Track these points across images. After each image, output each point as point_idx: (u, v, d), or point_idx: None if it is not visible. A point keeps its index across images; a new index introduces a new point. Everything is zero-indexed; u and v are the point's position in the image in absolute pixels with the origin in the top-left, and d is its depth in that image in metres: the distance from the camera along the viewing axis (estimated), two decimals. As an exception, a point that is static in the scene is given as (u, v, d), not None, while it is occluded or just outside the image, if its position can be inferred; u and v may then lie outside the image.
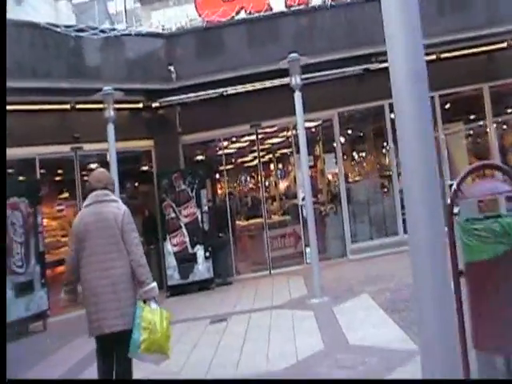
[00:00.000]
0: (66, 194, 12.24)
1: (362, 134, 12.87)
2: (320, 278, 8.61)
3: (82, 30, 10.17)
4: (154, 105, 11.68)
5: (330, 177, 13.02)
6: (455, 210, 3.55)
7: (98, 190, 4.36)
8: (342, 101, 11.70)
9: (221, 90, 11.17)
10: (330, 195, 12.87)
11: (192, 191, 11.27)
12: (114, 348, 4.22)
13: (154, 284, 4.29)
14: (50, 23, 10.09)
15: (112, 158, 8.95)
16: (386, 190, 12.35)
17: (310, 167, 10.73)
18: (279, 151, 14.36)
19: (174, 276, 11.11)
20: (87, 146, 11.19)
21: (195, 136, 12.23)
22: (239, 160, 13.84)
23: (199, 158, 13.22)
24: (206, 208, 11.36)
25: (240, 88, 11.28)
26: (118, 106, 10.92)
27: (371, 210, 12.12)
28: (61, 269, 11.41)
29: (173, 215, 11.20)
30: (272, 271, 11.93)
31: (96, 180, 4.43)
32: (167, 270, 11.13)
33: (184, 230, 11.18)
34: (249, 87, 11.26)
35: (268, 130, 12.68)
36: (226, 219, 12.21)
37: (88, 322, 4.25)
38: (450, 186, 10.53)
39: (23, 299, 9.06)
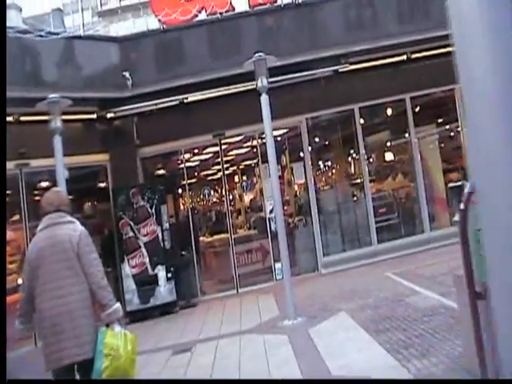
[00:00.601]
0: (12, 217, 11.20)
1: (330, 141, 12.25)
2: (293, 296, 7.88)
3: (26, 32, 9.29)
4: (108, 115, 10.83)
5: (297, 187, 12.37)
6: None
7: (52, 213, 4.13)
8: (310, 106, 11.10)
9: (180, 97, 10.40)
10: (298, 206, 12.19)
11: (151, 207, 10.45)
12: (75, 379, 4.03)
13: (117, 305, 4.07)
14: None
15: (59, 174, 8.07)
16: (357, 198, 11.76)
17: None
18: (244, 163, 13.63)
19: (133, 301, 10.22)
20: (35, 162, 10.24)
21: (154, 148, 11.41)
22: (202, 173, 13.06)
23: (159, 171, 12.37)
24: (167, 225, 10.55)
25: (201, 95, 10.56)
26: (68, 117, 10.18)
27: (343, 220, 11.51)
28: (10, 298, 10.56)
29: (131, 234, 10.34)
30: (240, 290, 11.15)
31: (47, 202, 4.21)
32: (126, 294, 10.23)
33: (143, 249, 10.33)
34: (211, 94, 10.53)
35: (232, 140, 11.97)
36: (189, 236, 11.40)
37: (45, 354, 3.96)
38: (452, 188, 10.02)
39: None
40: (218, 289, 11.62)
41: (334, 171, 12.56)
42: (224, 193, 11.86)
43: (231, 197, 14.33)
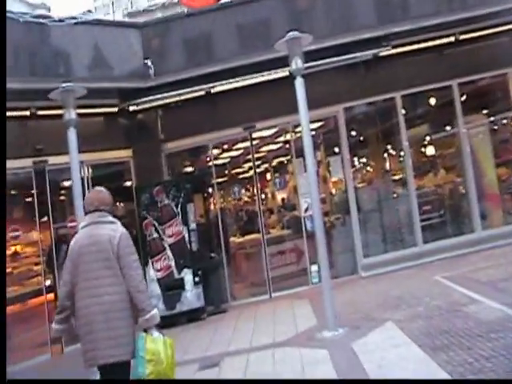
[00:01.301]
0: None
1: (370, 133, 11.28)
2: (333, 304, 7.03)
3: (43, 17, 8.63)
4: (131, 108, 10.10)
5: (334, 183, 11.47)
6: None
7: (93, 212, 4.14)
8: (348, 95, 10.18)
9: (207, 86, 9.61)
10: (335, 204, 11.29)
11: (177, 206, 9.70)
12: (113, 380, 3.97)
13: (155, 311, 4.03)
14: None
15: (74, 171, 7.36)
16: (399, 195, 10.79)
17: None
18: (277, 158, 12.76)
19: (158, 306, 9.44)
20: (53, 159, 9.59)
21: (180, 143, 10.67)
22: (232, 169, 12.25)
23: (186, 168, 11.65)
24: (193, 225, 9.77)
25: (229, 84, 9.72)
26: (87, 110, 9.59)
27: (384, 218, 10.56)
28: (35, 301, 9.94)
29: (155, 235, 9.61)
30: (273, 294, 10.31)
31: (87, 202, 4.25)
32: (150, 299, 9.49)
33: (169, 251, 9.60)
34: (240, 83, 9.70)
35: (264, 133, 11.12)
36: (217, 237, 10.63)
37: (82, 352, 4.00)
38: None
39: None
40: (250, 293, 10.80)
41: (373, 166, 11.58)
42: (255, 191, 11.01)
43: (263, 195, 13.52)
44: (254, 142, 10.89)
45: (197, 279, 9.62)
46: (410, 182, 10.33)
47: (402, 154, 10.63)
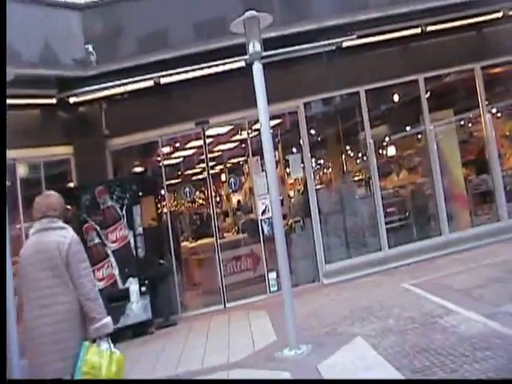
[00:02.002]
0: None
1: (332, 130, 10.60)
2: (294, 318, 6.25)
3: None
4: (71, 100, 9.07)
5: (293, 184, 10.76)
6: None
7: (42, 219, 3.93)
8: (309, 88, 9.48)
9: (155, 75, 8.68)
10: (294, 206, 10.57)
11: (122, 209, 8.76)
12: (74, 380, 3.70)
13: (107, 319, 3.81)
14: None
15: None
16: (364, 196, 10.15)
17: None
18: (232, 158, 12.00)
19: (100, 319, 8.51)
20: None
21: (126, 139, 9.71)
22: (184, 169, 11.40)
23: (134, 168, 10.72)
24: (140, 230, 8.84)
25: (180, 73, 8.83)
26: (22, 101, 8.61)
27: (347, 221, 9.89)
28: None
29: (97, 240, 8.62)
30: (227, 304, 9.48)
31: (35, 208, 4.01)
32: (91, 311, 8.54)
33: (112, 259, 8.62)
34: (192, 72, 8.83)
35: (218, 130, 10.30)
36: (167, 242, 9.72)
37: (28, 366, 3.85)
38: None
39: None
40: (202, 303, 9.97)
41: (335, 165, 10.92)
42: (209, 192, 10.15)
43: (217, 197, 12.73)
44: (208, 140, 10.04)
45: (143, 289, 8.70)
46: (375, 182, 9.69)
47: (366, 152, 9.98)
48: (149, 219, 10.02)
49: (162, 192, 9.92)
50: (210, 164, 10.28)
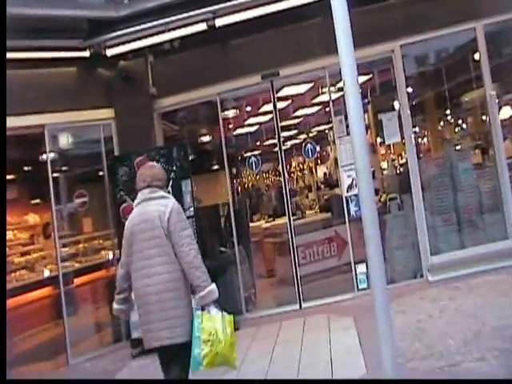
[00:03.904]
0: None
1: (439, 80, 8.18)
2: (391, 339, 4.16)
3: None
4: (108, 52, 7.39)
5: (386, 153, 8.56)
6: None
7: (145, 189, 3.95)
8: (406, 27, 7.23)
9: (208, 10, 6.74)
10: (389, 179, 8.37)
11: (168, 183, 6.97)
12: (166, 362, 3.85)
13: (213, 286, 3.75)
14: None
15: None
16: (482, 166, 7.77)
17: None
18: (309, 118, 9.92)
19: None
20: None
21: (176, 99, 7.96)
22: (247, 133, 9.50)
23: (185, 133, 8.93)
24: (191, 210, 7.04)
25: (240, 11, 6.90)
26: (49, 54, 7.06)
27: (460, 200, 7.53)
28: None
29: (137, 224, 6.94)
30: (303, 304, 7.54)
31: (139, 179, 4.03)
32: (130, 314, 6.88)
33: (157, 247, 6.92)
34: (256, 10, 6.88)
35: (291, 81, 8.23)
36: (229, 225, 7.87)
37: (142, 332, 3.93)
38: None
39: None
40: (272, 301, 8.11)
41: (444, 126, 8.51)
42: (280, 162, 8.14)
43: (293, 168, 10.71)
44: (278, 94, 8.02)
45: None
46: (498, 148, 7.28)
47: (484, 110, 7.57)
48: (205, 197, 8.19)
49: (221, 162, 7.98)
50: (282, 124, 8.22)
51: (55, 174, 7.58)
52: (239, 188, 10.55)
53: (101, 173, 7.77)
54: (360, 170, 4.55)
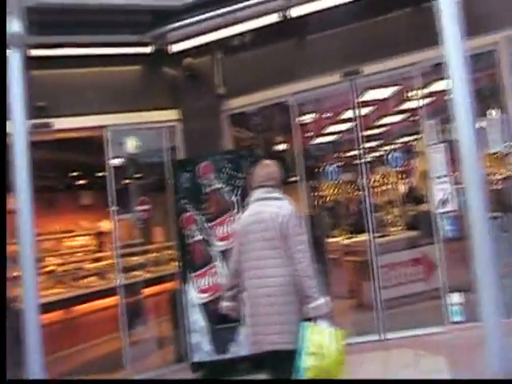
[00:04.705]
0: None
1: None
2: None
3: None
4: (173, 48, 6.83)
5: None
6: None
7: (259, 188, 3.81)
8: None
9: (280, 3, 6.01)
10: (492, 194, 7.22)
11: (234, 193, 6.28)
12: (271, 368, 3.67)
13: (324, 300, 3.52)
14: None
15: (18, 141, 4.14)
16: None
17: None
18: (394, 124, 8.92)
19: (201, 346, 6.15)
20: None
21: (246, 100, 7.27)
22: (325, 139, 8.62)
23: (254, 137, 8.20)
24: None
25: (315, 1, 6.11)
26: (109, 50, 6.62)
27: None
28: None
29: (199, 237, 6.25)
30: (386, 334, 6.54)
31: (254, 178, 3.90)
32: (191, 334, 6.21)
33: (219, 263, 6.19)
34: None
35: (375, 81, 7.30)
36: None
37: (246, 334, 3.84)
38: None
39: None
40: (351, 328, 7.09)
41: None
42: (362, 174, 7.20)
43: (374, 181, 9.69)
44: (361, 98, 7.13)
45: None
46: None
47: None
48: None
49: (293, 170, 7.16)
50: (364, 134, 7.30)
51: (116, 180, 7.09)
52: (316, 201, 9.69)
53: (164, 179, 7.20)
54: (469, 181, 3.72)
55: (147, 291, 8.08)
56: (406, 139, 9.35)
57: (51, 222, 11.44)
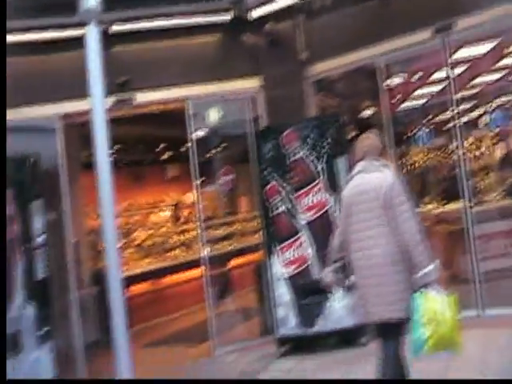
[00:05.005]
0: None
1: None
2: None
3: None
4: (252, 14, 6.60)
5: None
6: None
7: (363, 160, 3.79)
8: None
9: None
10: None
11: (319, 162, 6.02)
12: (383, 339, 3.63)
13: (433, 266, 3.46)
14: None
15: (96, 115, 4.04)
16: None
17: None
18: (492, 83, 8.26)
19: (287, 321, 6.01)
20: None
21: (330, 64, 6.91)
22: (414, 102, 8.14)
23: (340, 104, 7.85)
24: (345, 192, 6.00)
25: None
26: (188, 20, 6.52)
27: None
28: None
29: (283, 207, 6.07)
30: (484, 311, 6.12)
31: (355, 151, 3.90)
32: (276, 308, 6.08)
33: (306, 234, 5.99)
34: None
35: (470, 37, 6.74)
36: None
37: (355, 306, 4.00)
38: None
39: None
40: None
41: None
42: (455, 138, 6.70)
43: (467, 145, 9.10)
44: (454, 56, 6.60)
45: (351, 280, 5.88)
46: None
47: None
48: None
49: (387, 141, 6.76)
50: (458, 96, 6.76)
51: (199, 152, 7.02)
52: (406, 168, 9.26)
53: (247, 149, 7.05)
54: None
55: (232, 263, 8.06)
56: (503, 99, 8.69)
57: (138, 195, 11.71)
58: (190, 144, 6.85)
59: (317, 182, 5.99)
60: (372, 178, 3.71)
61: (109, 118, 3.73)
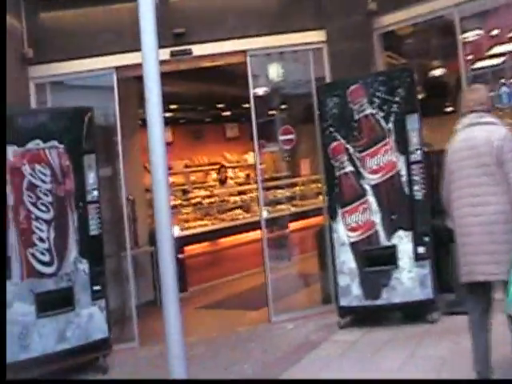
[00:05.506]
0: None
1: None
2: None
3: None
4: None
5: None
6: None
7: (470, 114, 3.67)
8: None
9: None
10: None
11: (388, 119, 5.55)
12: (483, 298, 3.61)
13: None
14: None
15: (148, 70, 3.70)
16: None
17: None
18: None
19: (351, 290, 5.64)
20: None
21: (401, 15, 6.33)
22: (494, 59, 7.43)
23: (411, 57, 7.28)
24: (418, 154, 5.47)
25: None
26: None
27: None
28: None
29: (349, 168, 5.66)
30: None
31: (462, 104, 3.78)
32: (338, 276, 5.73)
33: (371, 198, 5.58)
34: None
35: None
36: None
37: (458, 264, 3.70)
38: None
39: (53, 321, 4.99)
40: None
41: None
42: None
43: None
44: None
45: (421, 250, 5.42)
46: None
47: None
48: (434, 143, 6.55)
49: (457, 91, 6.19)
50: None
51: (260, 110, 6.65)
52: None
53: (310, 107, 6.62)
54: None
55: (293, 226, 7.76)
56: None
57: (198, 154, 11.54)
58: (250, 102, 6.49)
59: (386, 141, 5.54)
60: (482, 131, 3.57)
61: (164, 71, 3.44)
